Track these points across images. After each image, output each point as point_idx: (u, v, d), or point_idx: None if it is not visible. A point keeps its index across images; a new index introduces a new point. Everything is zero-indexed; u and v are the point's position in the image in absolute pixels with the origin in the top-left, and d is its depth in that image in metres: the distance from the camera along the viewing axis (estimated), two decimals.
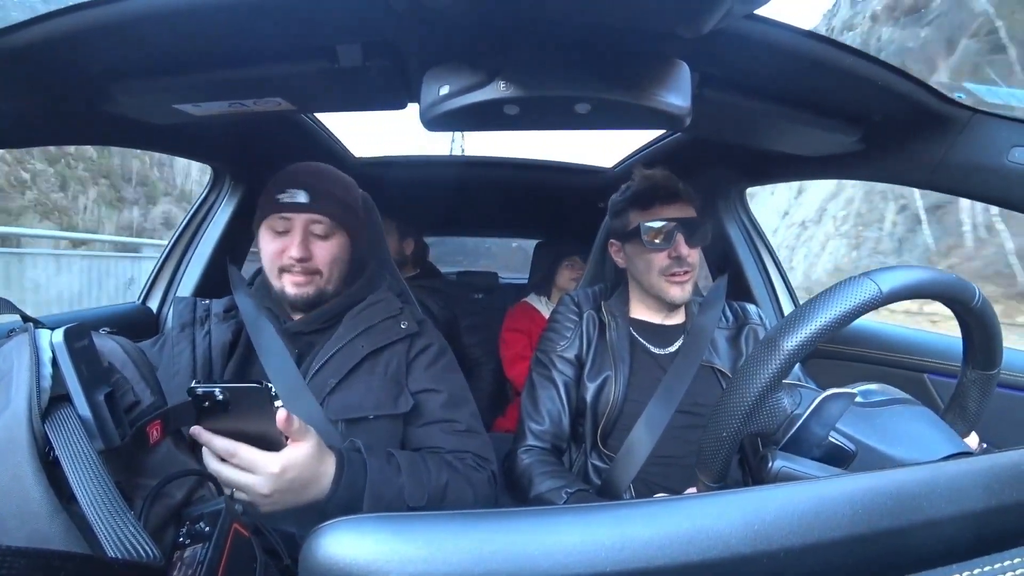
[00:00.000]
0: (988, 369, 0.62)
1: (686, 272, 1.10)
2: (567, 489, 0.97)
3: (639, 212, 1.12)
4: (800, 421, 0.56)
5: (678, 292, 1.10)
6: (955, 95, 0.82)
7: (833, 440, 0.55)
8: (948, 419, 0.65)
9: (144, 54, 0.73)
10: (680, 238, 1.09)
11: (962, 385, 0.64)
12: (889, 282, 0.52)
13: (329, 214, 0.96)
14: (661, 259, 1.10)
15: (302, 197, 0.94)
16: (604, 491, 1.04)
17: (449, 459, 0.90)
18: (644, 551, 0.32)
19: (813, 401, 0.57)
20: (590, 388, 1.11)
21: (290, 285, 0.95)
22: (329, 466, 0.74)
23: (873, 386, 0.64)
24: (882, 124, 0.90)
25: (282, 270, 0.96)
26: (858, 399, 0.62)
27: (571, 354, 1.15)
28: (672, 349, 1.14)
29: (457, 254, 3.96)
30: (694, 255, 1.11)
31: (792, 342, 0.51)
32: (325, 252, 0.96)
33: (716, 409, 0.55)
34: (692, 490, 0.67)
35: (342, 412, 0.89)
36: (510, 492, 1.06)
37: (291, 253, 0.93)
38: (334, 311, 0.99)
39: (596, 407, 1.10)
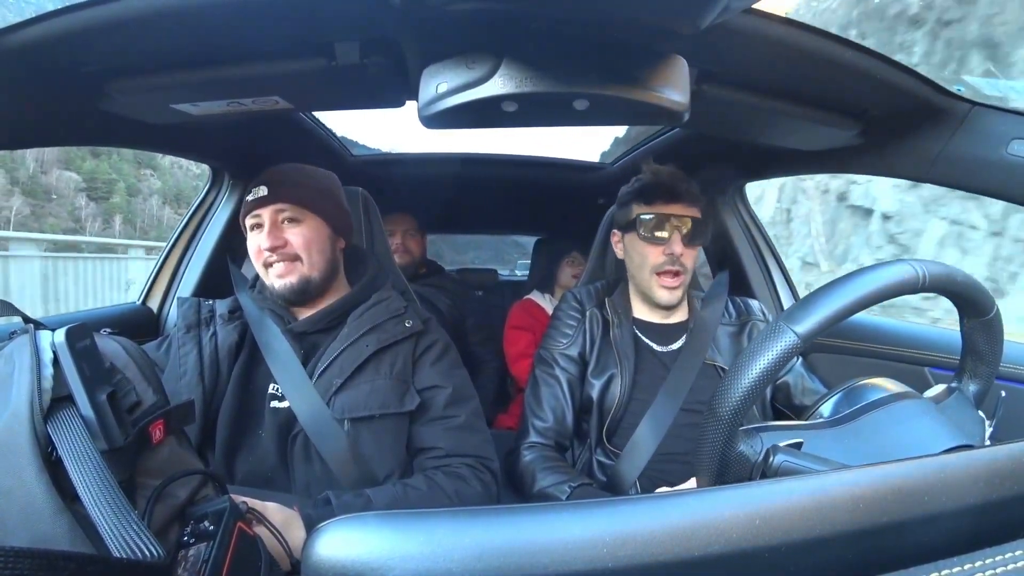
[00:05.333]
0: (982, 315, 0.62)
1: (677, 274, 1.09)
2: (570, 483, 0.97)
3: (641, 204, 1.12)
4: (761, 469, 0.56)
5: (665, 295, 1.10)
6: (955, 88, 0.82)
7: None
8: (967, 366, 0.66)
9: (141, 53, 0.73)
10: (677, 236, 1.08)
11: (965, 334, 0.65)
12: (806, 324, 0.52)
13: (289, 199, 0.96)
14: (655, 255, 1.09)
15: (263, 192, 0.95)
16: (609, 487, 1.05)
17: (438, 478, 0.89)
18: (645, 546, 0.32)
19: (759, 452, 0.57)
20: (595, 385, 1.10)
21: (275, 278, 0.96)
22: (299, 531, 0.74)
23: (864, 381, 0.64)
24: (881, 118, 0.89)
25: (266, 266, 0.97)
26: (822, 419, 0.62)
27: (574, 352, 1.15)
28: (675, 347, 1.14)
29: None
30: (689, 256, 1.10)
31: (727, 408, 0.52)
32: (297, 235, 0.96)
33: (694, 468, 0.57)
34: (692, 482, 0.67)
35: (348, 411, 0.89)
36: (512, 489, 1.06)
37: (263, 244, 0.94)
38: (338, 310, 0.99)
39: (602, 404, 1.10)
